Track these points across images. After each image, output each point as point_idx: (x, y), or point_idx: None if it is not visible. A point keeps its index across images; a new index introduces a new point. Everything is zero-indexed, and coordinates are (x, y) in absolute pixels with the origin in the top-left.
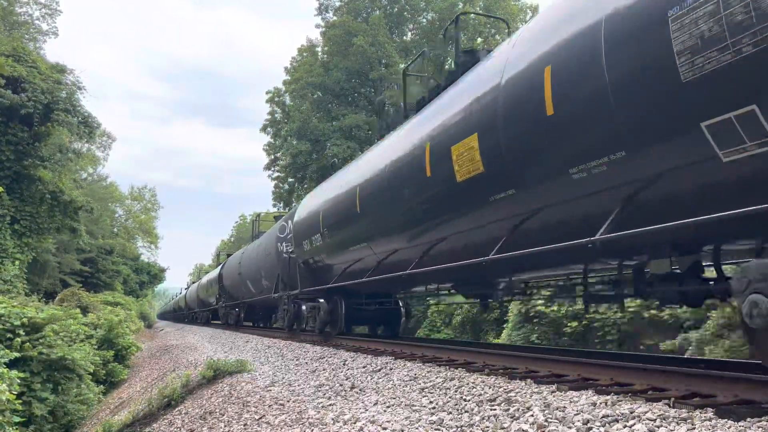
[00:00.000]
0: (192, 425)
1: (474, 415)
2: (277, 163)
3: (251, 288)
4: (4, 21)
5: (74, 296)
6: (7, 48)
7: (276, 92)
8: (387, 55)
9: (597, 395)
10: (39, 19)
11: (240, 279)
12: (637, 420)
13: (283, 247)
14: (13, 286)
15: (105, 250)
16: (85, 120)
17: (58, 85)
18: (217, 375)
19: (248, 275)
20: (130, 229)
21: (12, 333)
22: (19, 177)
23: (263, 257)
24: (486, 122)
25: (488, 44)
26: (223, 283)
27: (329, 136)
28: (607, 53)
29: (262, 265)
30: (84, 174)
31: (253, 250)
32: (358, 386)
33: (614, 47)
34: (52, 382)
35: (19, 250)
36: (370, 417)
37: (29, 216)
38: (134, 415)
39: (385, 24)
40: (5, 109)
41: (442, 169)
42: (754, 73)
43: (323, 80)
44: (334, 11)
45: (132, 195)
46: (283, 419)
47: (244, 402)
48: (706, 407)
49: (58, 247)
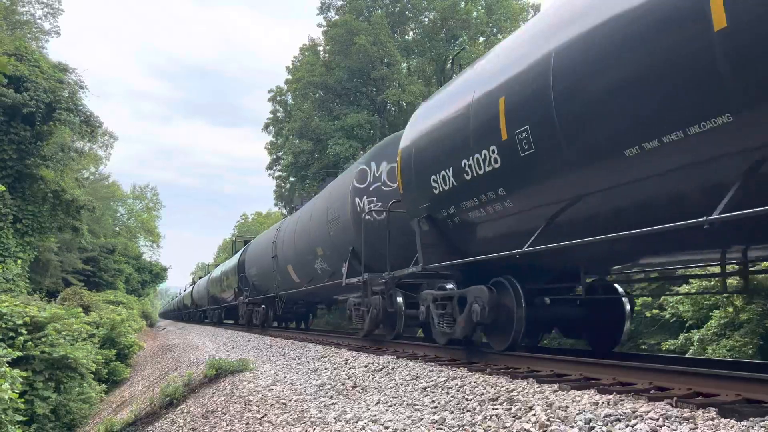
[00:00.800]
0: (194, 424)
1: (476, 414)
2: (279, 163)
3: (293, 275)
4: (7, 20)
5: (76, 295)
6: (9, 47)
7: (278, 91)
8: (389, 55)
9: (599, 395)
10: (41, 19)
11: (274, 265)
12: (640, 419)
13: (364, 204)
14: (16, 285)
15: (107, 249)
16: (87, 119)
17: (60, 84)
18: (219, 374)
19: (289, 257)
20: (132, 228)
21: (14, 332)
22: (21, 176)
23: (319, 228)
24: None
25: (490, 44)
26: (246, 272)
27: (331, 135)
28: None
29: (316, 241)
30: (86, 173)
31: (296, 224)
32: (360, 385)
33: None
34: (54, 380)
35: (22, 249)
36: (372, 416)
37: (31, 215)
38: (136, 414)
39: (387, 23)
40: (8, 108)
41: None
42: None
43: (325, 79)
44: (336, 10)
45: (134, 194)
46: (285, 418)
47: (246, 401)
48: (709, 406)
49: (60, 246)
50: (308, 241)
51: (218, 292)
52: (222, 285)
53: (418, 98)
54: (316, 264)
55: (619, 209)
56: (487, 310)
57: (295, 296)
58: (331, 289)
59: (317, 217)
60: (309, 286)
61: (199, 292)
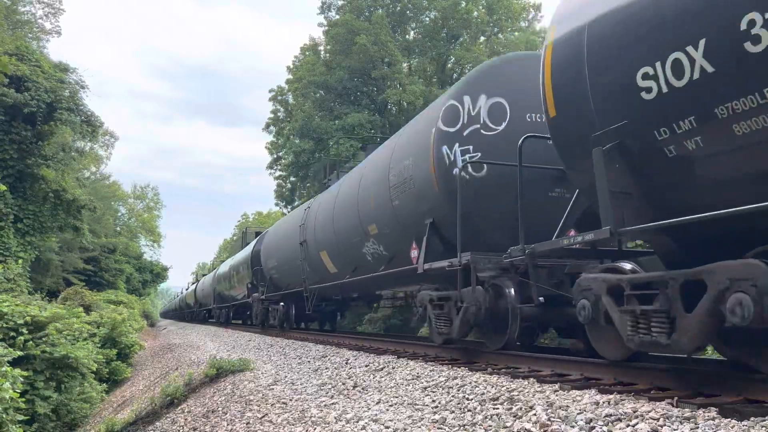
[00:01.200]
0: (195, 423)
1: (477, 414)
2: (280, 162)
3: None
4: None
5: (77, 295)
6: (10, 47)
7: (279, 91)
8: (389, 54)
9: (600, 394)
10: (42, 18)
11: (302, 253)
12: (641, 419)
13: (455, 155)
14: (17, 284)
15: (108, 248)
16: (87, 119)
17: (61, 84)
18: (220, 373)
19: (324, 242)
20: (133, 228)
21: (15, 331)
22: (22, 176)
23: (375, 199)
24: None
25: (491, 44)
26: (263, 265)
27: (332, 135)
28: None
29: (368, 216)
30: (87, 173)
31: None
32: (361, 385)
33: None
34: (55, 380)
35: (23, 248)
36: (373, 416)
37: (32, 215)
38: (137, 414)
39: (388, 23)
40: (8, 108)
41: None
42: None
43: (326, 79)
44: (337, 10)
45: (135, 194)
46: (285, 418)
47: (246, 400)
48: (710, 406)
49: (61, 245)
50: (355, 219)
51: (226, 289)
52: (231, 281)
53: (419, 98)
54: (365, 247)
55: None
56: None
57: (329, 291)
58: (388, 280)
59: (371, 184)
60: (354, 277)
61: (204, 290)
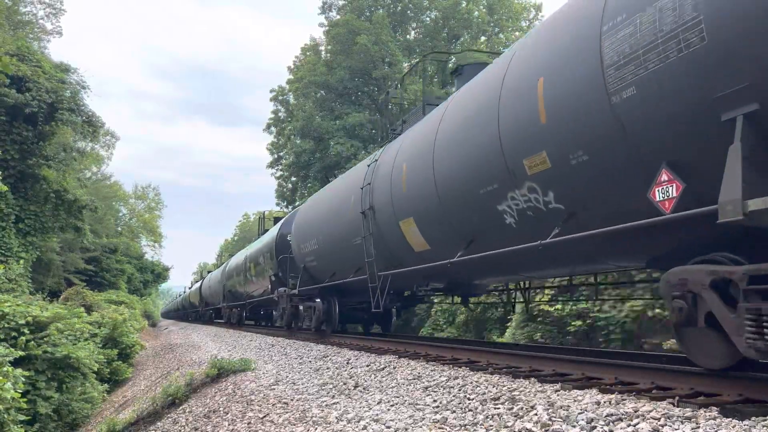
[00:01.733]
0: (196, 423)
1: (478, 413)
2: (281, 162)
3: (411, 240)
4: (9, 20)
5: (78, 295)
6: (11, 47)
7: (280, 91)
8: (390, 54)
9: (601, 394)
10: (43, 19)
11: (366, 227)
12: (641, 419)
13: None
14: (18, 284)
15: (109, 248)
16: (89, 119)
17: (62, 84)
18: (221, 373)
19: (408, 207)
20: (134, 228)
21: (17, 331)
22: (23, 176)
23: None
24: None
25: (491, 43)
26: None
27: (333, 135)
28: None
29: (560, 129)
30: (88, 173)
31: (438, 128)
32: (362, 385)
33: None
34: (56, 380)
35: (24, 249)
36: (374, 416)
37: (33, 215)
38: (138, 414)
39: (389, 23)
40: (10, 108)
41: None
42: None
43: (326, 79)
44: (338, 10)
45: (136, 194)
46: (286, 418)
47: (248, 400)
48: (711, 406)
49: (62, 245)
50: (491, 152)
51: (240, 285)
52: (247, 274)
53: (420, 98)
54: (505, 202)
55: None
56: None
57: (410, 279)
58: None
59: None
60: (471, 255)
61: (211, 287)
